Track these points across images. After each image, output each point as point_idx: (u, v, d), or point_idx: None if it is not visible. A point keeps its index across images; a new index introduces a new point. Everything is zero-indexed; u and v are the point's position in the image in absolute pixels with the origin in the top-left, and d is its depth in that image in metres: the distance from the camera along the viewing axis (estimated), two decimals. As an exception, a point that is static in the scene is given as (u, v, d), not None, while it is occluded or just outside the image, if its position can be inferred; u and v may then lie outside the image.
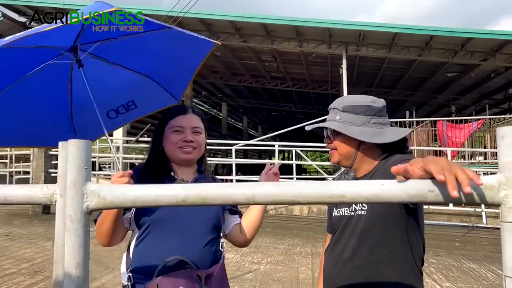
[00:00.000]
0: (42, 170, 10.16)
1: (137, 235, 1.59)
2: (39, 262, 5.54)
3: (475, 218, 9.16)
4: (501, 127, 0.79)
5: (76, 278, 0.87)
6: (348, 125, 1.52)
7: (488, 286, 4.75)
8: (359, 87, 17.67)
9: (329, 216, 1.78)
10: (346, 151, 1.56)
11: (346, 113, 1.54)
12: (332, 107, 1.61)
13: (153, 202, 0.91)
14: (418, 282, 1.47)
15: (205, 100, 24.33)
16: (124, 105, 2.27)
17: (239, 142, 12.40)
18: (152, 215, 1.55)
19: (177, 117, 1.69)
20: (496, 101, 18.77)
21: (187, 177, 1.71)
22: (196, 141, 1.68)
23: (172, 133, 1.67)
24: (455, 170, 0.82)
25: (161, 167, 1.69)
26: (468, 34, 11.61)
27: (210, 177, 1.82)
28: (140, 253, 1.55)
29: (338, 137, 1.57)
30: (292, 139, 14.50)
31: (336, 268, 1.55)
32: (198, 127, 1.71)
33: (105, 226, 1.51)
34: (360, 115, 1.54)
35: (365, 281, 1.45)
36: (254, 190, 0.86)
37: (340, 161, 1.59)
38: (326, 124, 1.58)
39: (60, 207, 0.92)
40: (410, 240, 1.46)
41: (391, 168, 0.95)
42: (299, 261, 5.74)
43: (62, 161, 0.93)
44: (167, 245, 1.53)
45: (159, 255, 1.51)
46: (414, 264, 1.47)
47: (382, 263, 1.44)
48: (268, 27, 12.81)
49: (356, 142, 1.55)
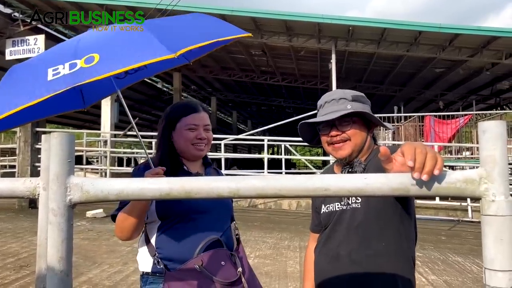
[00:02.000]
0: (28, 164, 10.04)
1: (159, 225, 1.66)
2: (25, 256, 5.49)
3: (461, 212, 9.29)
4: (482, 122, 0.80)
5: (59, 272, 0.86)
6: (365, 110, 1.51)
7: (473, 279, 4.83)
8: (348, 82, 17.73)
9: (316, 214, 1.74)
10: (360, 140, 1.51)
11: (356, 102, 1.51)
12: (336, 97, 1.53)
13: (137, 196, 0.90)
14: (412, 272, 1.49)
15: (194, 94, 24.20)
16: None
17: (228, 137, 12.40)
18: (175, 207, 1.63)
19: (191, 114, 1.76)
20: (483, 97, 19.00)
21: (199, 171, 1.80)
22: (207, 138, 1.77)
23: (187, 130, 1.73)
24: (427, 156, 0.86)
25: (175, 162, 1.75)
26: (456, 30, 11.71)
27: (213, 168, 1.91)
28: (168, 241, 1.62)
29: (354, 125, 1.51)
30: (281, 134, 14.53)
31: (331, 264, 1.52)
32: (209, 124, 1.80)
33: (130, 221, 1.58)
34: (366, 104, 1.54)
35: (363, 275, 1.44)
36: (239, 184, 0.86)
37: (353, 152, 1.51)
38: (349, 111, 1.47)
39: (43, 201, 0.91)
40: (404, 231, 1.47)
41: (381, 151, 0.99)
42: (287, 255, 5.78)
43: (45, 154, 0.92)
44: (193, 232, 1.62)
45: (189, 241, 1.60)
46: (409, 254, 1.49)
47: (379, 256, 1.44)
48: (257, 21, 12.77)
49: (365, 132, 1.54)
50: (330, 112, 1.50)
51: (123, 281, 4.53)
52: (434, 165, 0.84)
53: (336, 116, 1.47)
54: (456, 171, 0.85)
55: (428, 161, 0.84)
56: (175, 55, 1.48)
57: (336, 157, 1.56)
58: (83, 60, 1.55)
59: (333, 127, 1.52)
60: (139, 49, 1.64)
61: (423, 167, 0.83)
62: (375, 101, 20.85)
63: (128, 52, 1.66)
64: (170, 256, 1.60)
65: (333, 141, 1.52)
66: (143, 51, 1.63)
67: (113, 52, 1.67)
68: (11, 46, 13.36)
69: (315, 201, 1.75)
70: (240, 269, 1.63)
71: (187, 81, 21.86)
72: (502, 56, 12.77)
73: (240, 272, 1.62)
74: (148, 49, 2.10)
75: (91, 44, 1.76)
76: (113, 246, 6.00)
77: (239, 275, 1.61)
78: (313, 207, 1.78)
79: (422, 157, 0.86)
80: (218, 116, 29.26)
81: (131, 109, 24.02)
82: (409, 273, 1.47)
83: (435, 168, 0.83)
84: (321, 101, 1.59)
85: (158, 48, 2.09)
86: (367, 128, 1.55)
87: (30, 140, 10.14)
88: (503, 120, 12.81)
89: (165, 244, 1.63)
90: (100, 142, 14.59)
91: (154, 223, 1.67)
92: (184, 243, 1.60)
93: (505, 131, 0.79)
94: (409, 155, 0.88)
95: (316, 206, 1.73)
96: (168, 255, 1.61)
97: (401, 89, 18.83)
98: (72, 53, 1.64)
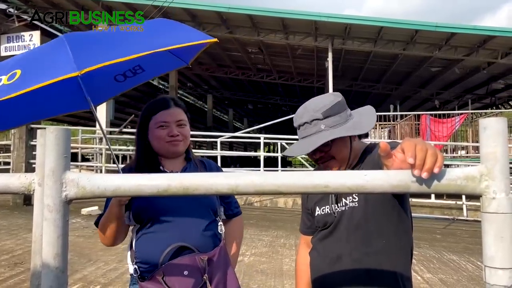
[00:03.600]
0: (23, 161, 9.97)
1: (137, 229, 1.65)
2: (19, 254, 5.45)
3: (456, 211, 9.33)
4: (483, 119, 0.80)
5: (54, 268, 0.85)
6: (339, 127, 1.46)
7: (468, 277, 4.85)
8: (345, 80, 17.76)
9: (307, 216, 1.70)
10: (345, 153, 1.50)
11: (328, 118, 1.47)
12: (307, 120, 1.48)
13: (134, 192, 0.89)
14: (410, 268, 1.50)
15: (191, 92, 24.18)
16: (131, 70, 2.26)
17: (224, 134, 12.37)
18: (149, 209, 1.61)
19: (160, 112, 1.70)
20: (478, 96, 19.09)
21: (176, 168, 1.74)
22: (181, 133, 1.71)
23: (157, 128, 1.69)
24: (427, 153, 0.86)
25: (151, 162, 1.72)
26: (452, 29, 11.76)
27: (198, 161, 1.83)
28: (142, 245, 1.62)
29: (334, 144, 1.47)
30: (277, 132, 14.53)
31: (331, 265, 1.51)
32: (182, 119, 1.73)
33: (108, 229, 1.59)
34: (340, 113, 1.49)
35: (365, 274, 1.44)
36: (238, 180, 0.85)
37: (341, 166, 1.51)
38: (322, 138, 1.44)
39: (39, 197, 0.90)
40: (402, 226, 1.47)
41: (381, 147, 0.98)
42: (283, 253, 5.77)
43: (40, 149, 0.91)
44: (167, 234, 1.58)
45: (161, 245, 1.57)
46: (407, 251, 1.49)
47: (380, 254, 1.44)
48: (254, 19, 12.75)
49: (348, 141, 1.51)
50: (306, 136, 1.48)
51: (118, 279, 4.51)
52: (435, 162, 0.83)
53: (311, 150, 1.44)
54: (456, 168, 0.84)
55: (429, 158, 0.84)
56: (79, 73, 1.52)
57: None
58: (7, 77, 1.61)
59: (315, 150, 1.48)
60: (52, 67, 1.68)
61: (423, 164, 0.83)
62: (371, 100, 20.92)
63: (43, 70, 1.71)
64: (144, 260, 1.60)
65: (320, 161, 1.53)
66: (58, 67, 1.67)
67: (32, 68, 1.73)
68: (6, 42, 13.29)
69: (307, 203, 1.69)
70: (206, 276, 1.56)
71: (183, 79, 21.81)
72: (498, 55, 12.83)
73: (206, 279, 1.55)
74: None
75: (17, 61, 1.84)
76: (109, 243, 5.96)
77: (204, 281, 1.55)
78: (304, 209, 1.73)
79: (422, 154, 0.85)
80: (214, 113, 29.21)
81: (127, 106, 23.94)
82: (407, 269, 1.48)
83: (435, 166, 0.82)
84: (295, 123, 1.55)
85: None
86: (349, 137, 1.52)
87: (24, 137, 10.07)
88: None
89: (139, 248, 1.63)
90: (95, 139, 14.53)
91: (135, 227, 1.68)
92: (152, 248, 1.58)
93: (506, 127, 0.78)
94: (409, 151, 0.87)
95: (308, 208, 1.68)
96: (142, 259, 1.60)
97: (397, 87, 18.88)
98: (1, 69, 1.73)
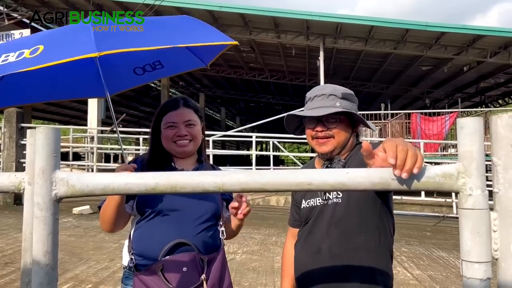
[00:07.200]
0: (13, 160, 9.90)
1: (137, 221, 1.67)
2: (10, 253, 5.42)
3: (446, 209, 9.43)
4: (461, 118, 0.83)
5: (44, 266, 0.86)
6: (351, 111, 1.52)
7: (456, 273, 4.92)
8: (336, 79, 17.81)
9: (295, 209, 1.75)
10: (344, 138, 1.53)
11: (345, 100, 1.52)
12: (326, 93, 1.53)
13: (123, 191, 0.91)
14: (390, 265, 1.53)
15: (183, 91, 24.08)
16: (151, 64, 2.31)
17: (216, 133, 12.37)
18: (154, 203, 1.62)
19: (169, 113, 1.75)
20: (468, 95, 19.26)
21: (187, 168, 1.77)
22: (190, 133, 1.74)
23: (166, 129, 1.73)
24: (408, 154, 0.88)
25: (163, 160, 1.76)
26: (442, 28, 11.86)
27: (210, 166, 1.89)
28: (140, 237, 1.64)
29: (340, 124, 1.51)
30: (269, 131, 14.55)
31: (311, 258, 1.54)
32: (190, 119, 1.76)
33: (108, 213, 1.59)
34: (354, 103, 1.56)
35: (343, 269, 1.47)
36: (224, 179, 0.87)
37: (335, 149, 1.53)
38: (338, 108, 1.48)
39: (29, 195, 0.91)
40: (383, 225, 1.50)
41: (363, 147, 1.01)
42: (274, 251, 5.80)
43: (30, 148, 0.92)
44: (164, 230, 1.61)
45: (161, 239, 1.59)
46: (387, 247, 1.52)
47: (359, 250, 1.47)
48: (246, 18, 12.75)
49: (350, 130, 1.55)
50: (318, 107, 1.52)
51: (109, 277, 4.51)
52: (415, 163, 0.86)
53: (324, 113, 1.48)
54: (435, 166, 0.87)
55: (409, 159, 0.87)
56: (98, 54, 1.56)
57: (318, 151, 1.57)
58: (30, 51, 1.64)
59: (319, 122, 1.53)
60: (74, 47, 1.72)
61: (404, 164, 0.86)
62: (362, 98, 20.99)
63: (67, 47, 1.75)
64: (141, 252, 1.61)
65: (318, 136, 1.54)
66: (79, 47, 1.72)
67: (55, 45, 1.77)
68: (-5, 40, 13.16)
69: (296, 196, 1.75)
70: (204, 276, 1.57)
71: (175, 77, 21.70)
72: (487, 54, 12.96)
73: (203, 279, 1.57)
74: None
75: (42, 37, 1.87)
76: (100, 242, 5.97)
77: (201, 281, 1.57)
78: (293, 202, 1.79)
79: (403, 154, 0.88)
80: (207, 112, 29.16)
81: (119, 105, 23.80)
82: (387, 266, 1.51)
83: (415, 167, 0.85)
84: (311, 94, 1.58)
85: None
86: (351, 127, 1.57)
87: (15, 136, 10.00)
88: (488, 117, 13.00)
89: (138, 239, 1.64)
90: (87, 138, 14.45)
91: (136, 218, 1.70)
92: (153, 241, 1.60)
93: (482, 127, 0.81)
94: (390, 151, 0.90)
95: (296, 201, 1.73)
96: (139, 251, 1.61)
97: (388, 86, 18.98)
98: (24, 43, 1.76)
